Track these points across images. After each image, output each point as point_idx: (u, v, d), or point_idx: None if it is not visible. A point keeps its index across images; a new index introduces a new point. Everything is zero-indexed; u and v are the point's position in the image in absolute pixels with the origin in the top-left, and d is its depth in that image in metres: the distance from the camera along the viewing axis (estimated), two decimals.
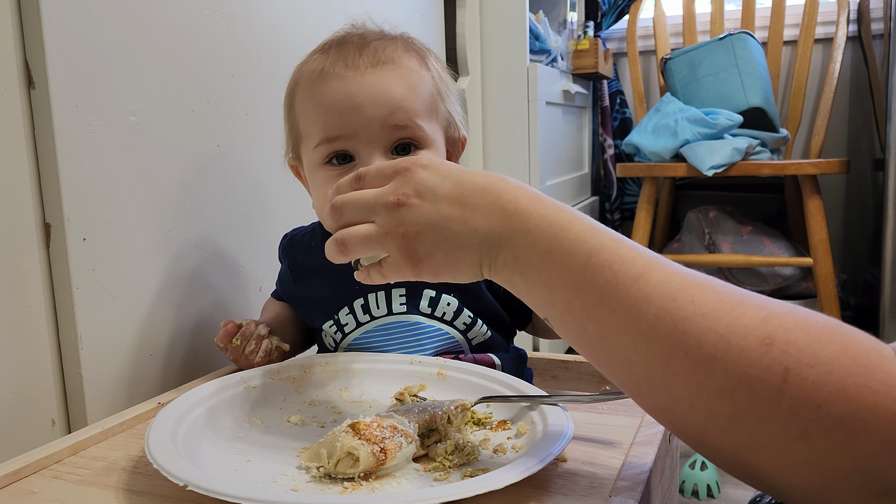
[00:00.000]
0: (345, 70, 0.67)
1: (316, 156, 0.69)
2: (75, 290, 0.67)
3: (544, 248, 0.45)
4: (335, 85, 0.67)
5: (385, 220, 0.48)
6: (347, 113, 0.66)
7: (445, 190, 0.47)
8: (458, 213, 0.47)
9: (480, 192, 0.47)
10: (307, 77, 0.70)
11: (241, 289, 0.90)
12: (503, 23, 1.65)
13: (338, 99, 0.66)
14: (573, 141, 2.13)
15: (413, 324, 0.72)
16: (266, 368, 0.66)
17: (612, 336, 0.42)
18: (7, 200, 0.63)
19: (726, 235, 1.95)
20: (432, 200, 0.47)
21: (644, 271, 0.42)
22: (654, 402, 0.42)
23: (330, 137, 0.67)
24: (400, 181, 0.48)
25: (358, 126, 0.66)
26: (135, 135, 0.73)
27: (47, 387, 0.67)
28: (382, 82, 0.67)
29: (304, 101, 0.70)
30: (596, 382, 0.80)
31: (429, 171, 0.48)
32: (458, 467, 0.51)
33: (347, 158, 0.68)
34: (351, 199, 0.50)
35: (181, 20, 0.79)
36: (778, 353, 0.37)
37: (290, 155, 0.77)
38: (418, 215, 0.47)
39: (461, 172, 0.48)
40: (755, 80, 1.86)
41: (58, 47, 0.65)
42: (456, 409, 0.56)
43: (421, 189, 0.48)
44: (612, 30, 2.36)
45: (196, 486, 0.43)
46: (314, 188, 0.72)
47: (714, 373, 0.38)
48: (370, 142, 0.66)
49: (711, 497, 1.36)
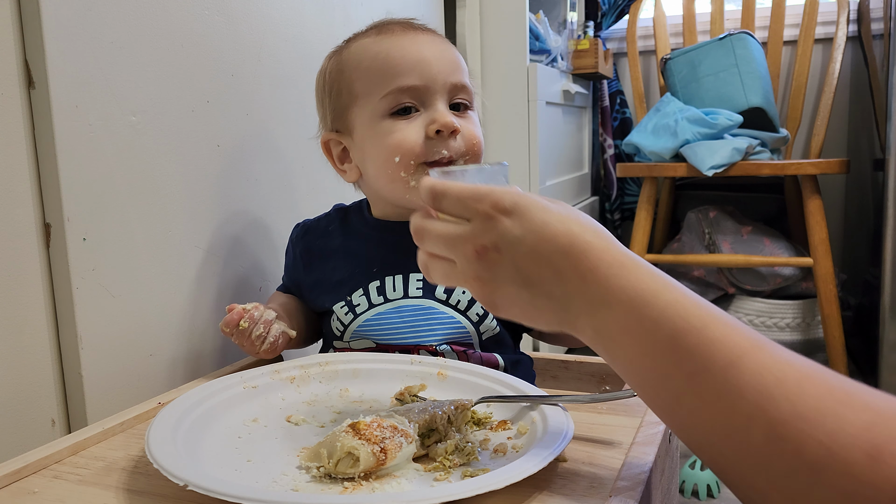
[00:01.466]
0: (404, 31, 0.73)
1: (381, 106, 0.71)
2: (75, 290, 0.67)
3: (624, 325, 0.42)
4: (402, 41, 0.71)
5: (464, 265, 0.47)
6: (418, 65, 0.70)
7: (526, 248, 0.45)
8: (535, 274, 0.45)
9: (561, 255, 0.44)
10: (360, 46, 0.74)
11: (241, 289, 0.90)
12: (503, 23, 1.65)
13: (408, 52, 0.71)
14: (573, 141, 2.13)
15: (427, 308, 0.73)
16: (266, 368, 0.66)
17: (700, 427, 0.40)
18: (7, 200, 0.63)
19: (726, 235, 1.95)
20: (511, 257, 0.45)
21: (735, 358, 0.39)
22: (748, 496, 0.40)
23: (401, 87, 0.70)
24: (481, 226, 0.46)
25: (427, 77, 0.70)
26: (135, 135, 0.73)
27: (47, 387, 0.67)
28: (440, 45, 0.73)
29: (363, 62, 0.73)
30: (596, 382, 0.80)
31: (512, 219, 0.45)
32: (458, 467, 0.51)
33: (408, 111, 0.71)
34: (430, 231, 0.48)
35: (181, 20, 0.79)
36: (887, 470, 0.34)
37: (323, 131, 0.78)
38: (496, 271, 0.46)
39: (543, 226, 0.45)
40: (755, 80, 1.86)
41: (58, 47, 0.65)
42: (456, 409, 0.56)
43: (501, 242, 0.45)
44: (612, 30, 2.36)
45: (196, 485, 0.43)
46: (377, 139, 0.72)
47: (816, 485, 0.36)
48: (435, 93, 0.70)
49: (711, 497, 1.36)
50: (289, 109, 0.98)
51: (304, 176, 1.01)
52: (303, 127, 1.00)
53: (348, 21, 1.12)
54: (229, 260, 0.87)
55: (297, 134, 0.99)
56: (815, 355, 1.85)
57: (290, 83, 0.98)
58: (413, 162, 0.70)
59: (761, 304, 1.88)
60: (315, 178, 1.03)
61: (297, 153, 0.99)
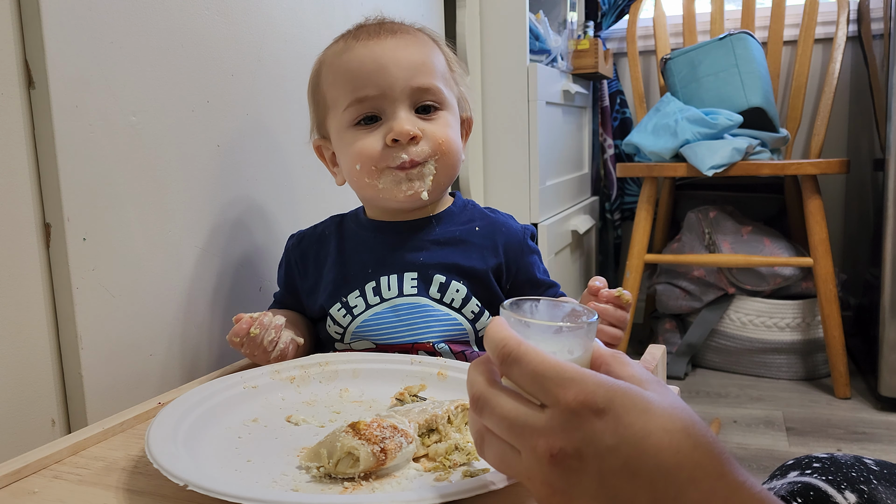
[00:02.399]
0: (367, 39, 0.73)
1: (346, 118, 0.73)
2: (75, 290, 0.67)
3: None
4: (360, 51, 0.73)
5: (531, 463, 0.37)
6: (374, 74, 0.71)
7: (618, 462, 0.35)
8: (626, 495, 0.35)
9: (663, 478, 0.34)
10: (332, 53, 0.76)
11: (241, 289, 0.90)
12: (503, 23, 1.65)
13: (364, 62, 0.72)
14: (573, 141, 2.13)
15: (423, 306, 0.73)
16: (266, 368, 0.67)
17: None
18: (7, 200, 0.63)
19: (726, 235, 1.95)
20: (597, 469, 0.35)
21: None
22: None
23: (359, 98, 0.72)
24: (561, 422, 0.36)
25: (384, 85, 0.71)
26: (135, 135, 0.73)
27: (47, 387, 0.67)
28: (402, 47, 0.73)
29: (331, 72, 0.75)
30: None
31: (605, 421, 0.35)
32: (458, 467, 0.51)
33: (374, 120, 0.72)
34: (494, 408, 0.39)
35: (181, 20, 0.79)
36: None
37: (315, 136, 0.81)
38: (574, 482, 0.36)
39: (645, 436, 0.35)
40: (755, 80, 1.86)
41: (58, 47, 0.65)
42: (456, 409, 0.56)
43: (586, 449, 0.35)
44: (612, 30, 2.36)
45: (196, 485, 0.43)
46: (343, 149, 0.75)
47: None
48: (395, 100, 0.71)
49: None
50: (289, 109, 0.98)
51: (304, 176, 1.01)
52: (303, 127, 1.00)
53: (348, 21, 1.12)
54: (229, 260, 0.88)
55: (297, 134, 0.99)
56: (815, 355, 1.85)
57: (290, 83, 0.98)
58: (375, 167, 0.72)
59: (761, 304, 1.88)
60: (315, 178, 1.03)
61: (297, 153, 1.00)
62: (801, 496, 0.52)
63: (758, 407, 1.71)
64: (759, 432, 1.58)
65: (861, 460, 0.54)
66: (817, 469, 0.54)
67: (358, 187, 0.77)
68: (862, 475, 0.52)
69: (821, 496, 0.51)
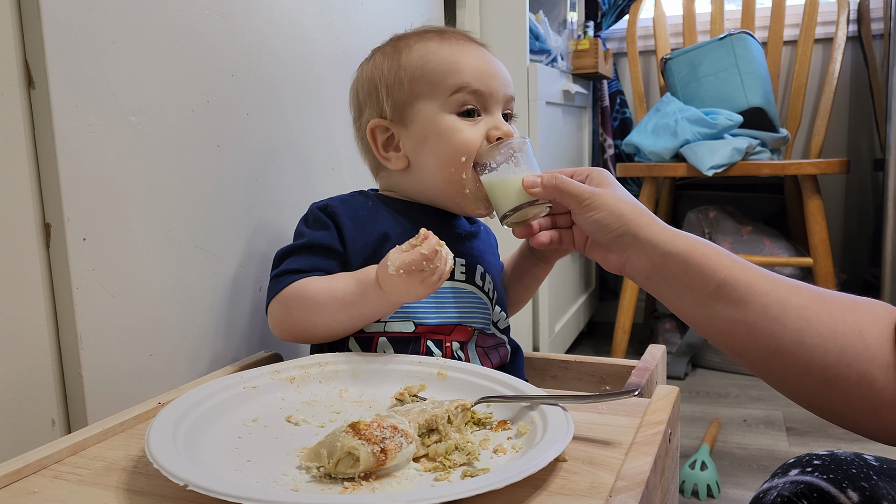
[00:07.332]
0: (467, 41, 0.78)
1: (449, 103, 0.75)
2: (75, 290, 0.67)
3: None
4: (467, 49, 0.77)
5: None
6: (491, 78, 0.76)
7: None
8: None
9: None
10: (429, 47, 0.77)
11: (241, 289, 0.90)
12: (503, 23, 1.65)
13: (484, 63, 0.77)
14: (573, 141, 2.13)
15: (468, 292, 0.77)
16: (266, 368, 0.67)
17: None
18: (7, 200, 0.63)
19: (726, 235, 1.95)
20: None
21: None
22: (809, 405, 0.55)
23: (471, 89, 0.75)
24: None
25: (493, 87, 0.76)
26: (135, 135, 0.73)
27: (47, 387, 0.67)
28: (496, 59, 0.79)
29: (434, 58, 0.76)
30: (596, 382, 0.80)
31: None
32: (458, 467, 0.51)
33: (472, 114, 0.76)
34: None
35: (181, 20, 0.79)
36: None
37: (375, 118, 0.78)
38: None
39: None
40: (755, 80, 1.86)
41: (58, 47, 0.65)
42: (456, 409, 0.56)
43: None
44: (612, 30, 2.36)
45: (196, 485, 0.43)
46: (441, 135, 0.75)
47: None
48: (496, 103, 0.77)
49: (711, 497, 1.36)
50: (289, 109, 0.98)
51: (304, 176, 1.01)
52: (303, 127, 1.00)
53: (348, 21, 1.12)
54: (229, 260, 0.88)
55: (297, 134, 0.99)
56: None
57: (290, 83, 0.98)
58: (470, 165, 0.74)
59: None
60: (314, 178, 1.03)
61: (297, 153, 1.00)
62: (806, 498, 0.52)
63: (758, 407, 1.71)
64: (759, 432, 1.59)
65: (861, 457, 0.55)
66: (818, 467, 0.54)
67: (444, 178, 0.74)
68: (862, 472, 0.52)
69: (824, 497, 0.52)
